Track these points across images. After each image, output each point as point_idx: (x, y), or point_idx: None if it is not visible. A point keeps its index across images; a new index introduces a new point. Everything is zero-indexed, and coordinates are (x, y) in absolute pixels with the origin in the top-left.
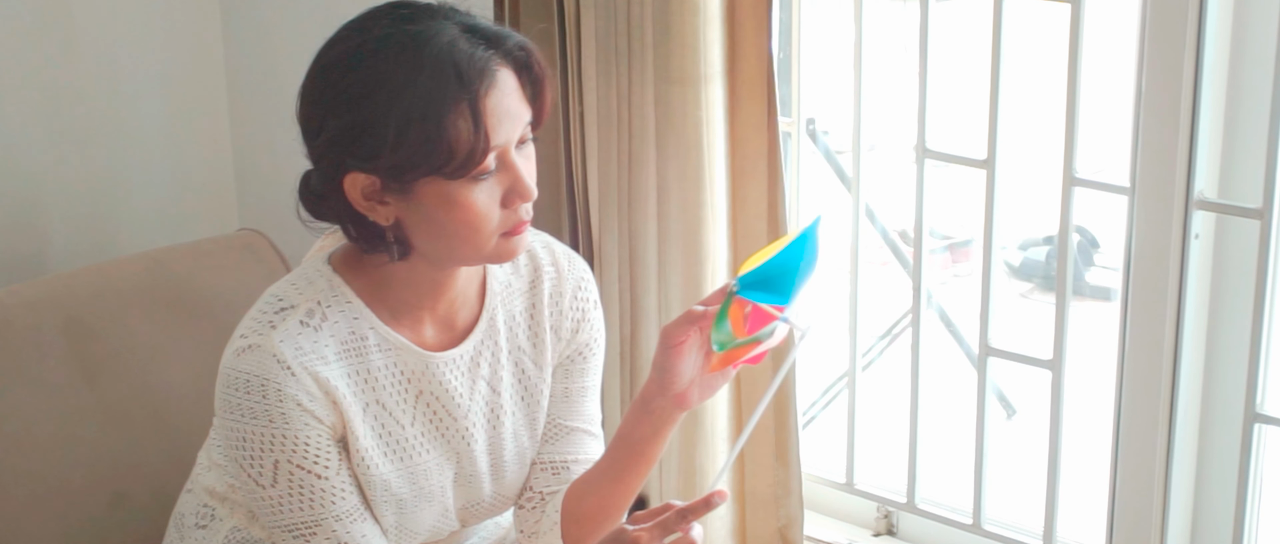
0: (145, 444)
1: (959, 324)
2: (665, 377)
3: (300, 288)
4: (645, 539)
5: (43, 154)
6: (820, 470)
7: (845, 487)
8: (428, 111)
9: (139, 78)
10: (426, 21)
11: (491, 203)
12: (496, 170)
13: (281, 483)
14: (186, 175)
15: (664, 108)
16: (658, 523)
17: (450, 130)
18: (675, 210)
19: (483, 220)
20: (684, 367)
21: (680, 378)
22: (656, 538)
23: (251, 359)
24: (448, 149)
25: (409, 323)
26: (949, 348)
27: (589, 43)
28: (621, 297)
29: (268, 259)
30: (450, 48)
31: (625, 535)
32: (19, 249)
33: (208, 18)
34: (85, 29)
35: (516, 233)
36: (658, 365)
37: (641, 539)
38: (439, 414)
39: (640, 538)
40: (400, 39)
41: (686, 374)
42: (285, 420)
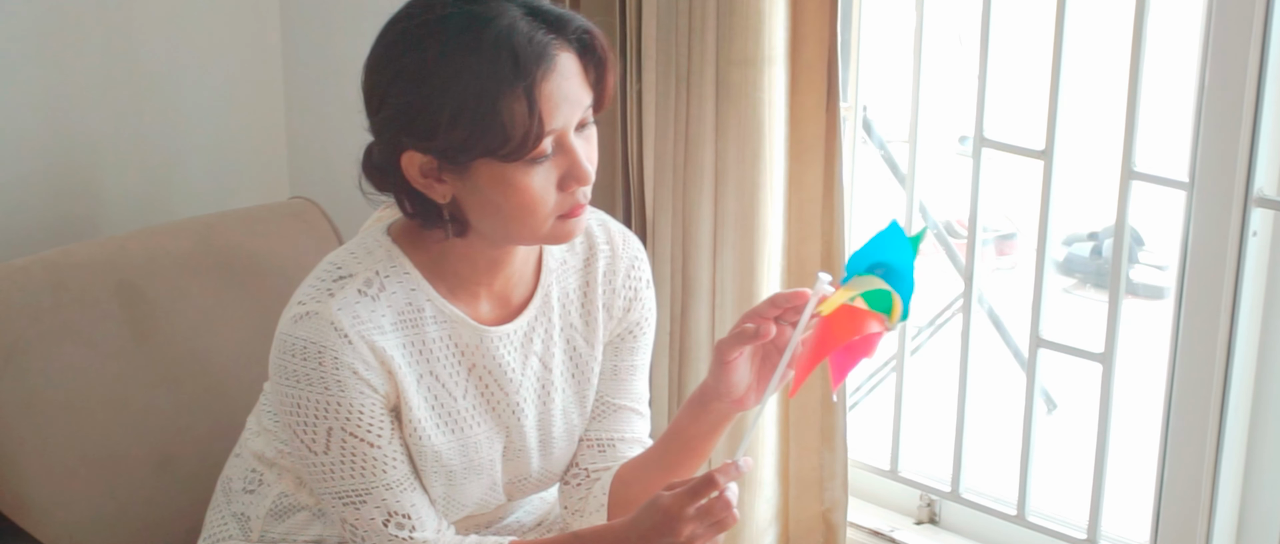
0: (193, 408)
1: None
2: (721, 386)
3: (359, 257)
4: (677, 504)
5: (99, 118)
6: (863, 456)
7: (889, 474)
8: (483, 94)
9: (195, 44)
10: (489, 2)
11: (548, 185)
12: (554, 153)
13: (334, 450)
14: (239, 142)
15: (724, 89)
16: (688, 489)
17: (505, 114)
18: (731, 191)
19: (538, 203)
20: (738, 377)
21: (736, 387)
22: (686, 503)
23: (309, 326)
24: (503, 132)
25: (465, 296)
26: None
27: (650, 21)
28: (673, 276)
29: (319, 227)
30: (510, 31)
31: (660, 501)
32: (73, 211)
33: None
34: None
35: (573, 215)
36: (713, 376)
37: (674, 505)
38: (491, 388)
39: (672, 504)
40: (461, 19)
41: (742, 383)
42: (340, 388)
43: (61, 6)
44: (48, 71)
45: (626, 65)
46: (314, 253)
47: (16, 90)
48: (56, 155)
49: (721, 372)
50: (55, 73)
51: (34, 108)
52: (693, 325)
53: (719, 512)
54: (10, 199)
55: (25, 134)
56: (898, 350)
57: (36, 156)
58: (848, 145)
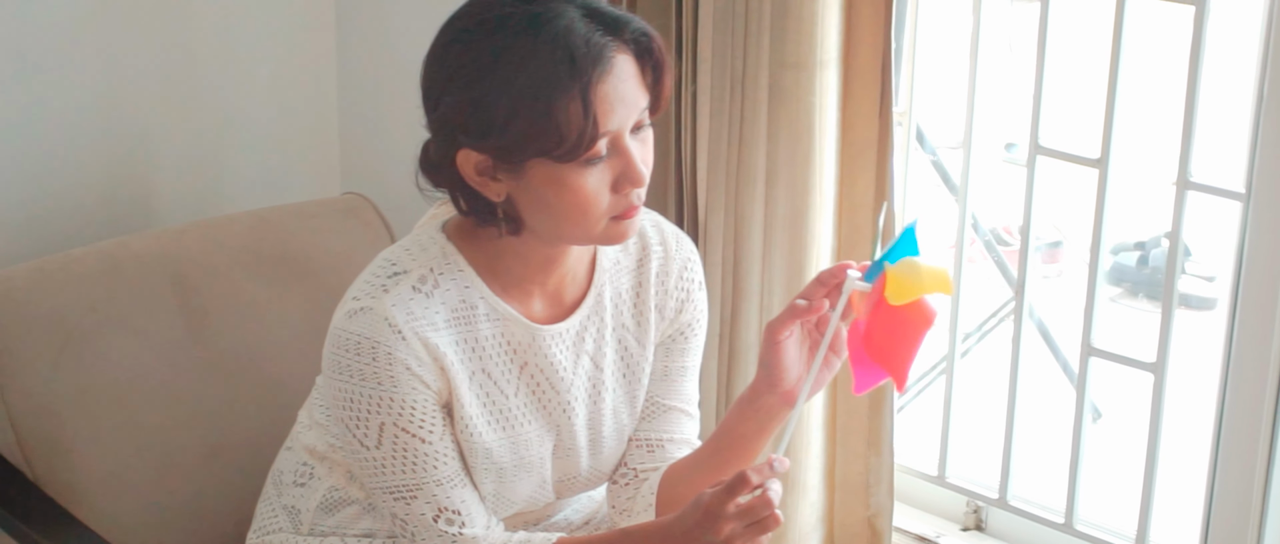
0: (244, 400)
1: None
2: (772, 373)
3: (414, 254)
4: (717, 501)
5: (153, 110)
6: (909, 461)
7: (936, 479)
8: (539, 95)
9: (250, 39)
10: (548, 3)
11: (602, 186)
12: (609, 155)
13: (386, 445)
14: (292, 137)
15: (777, 92)
16: (725, 486)
17: (560, 115)
18: (783, 194)
19: (592, 203)
20: (789, 361)
21: (787, 373)
22: (725, 500)
23: (363, 321)
24: (557, 133)
25: (518, 294)
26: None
27: (706, 24)
28: (724, 278)
29: (371, 223)
30: (567, 32)
31: (702, 499)
32: (127, 201)
33: None
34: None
35: (627, 217)
36: (763, 361)
37: (714, 503)
38: (542, 386)
39: (713, 502)
40: (519, 20)
41: (792, 370)
42: (393, 383)
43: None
44: (103, 63)
45: (682, 68)
46: (366, 248)
47: (73, 81)
48: (111, 147)
49: (772, 353)
50: (111, 64)
51: (89, 99)
52: (742, 328)
53: (760, 511)
54: (65, 190)
55: (81, 125)
56: (948, 355)
57: (91, 148)
58: (900, 151)
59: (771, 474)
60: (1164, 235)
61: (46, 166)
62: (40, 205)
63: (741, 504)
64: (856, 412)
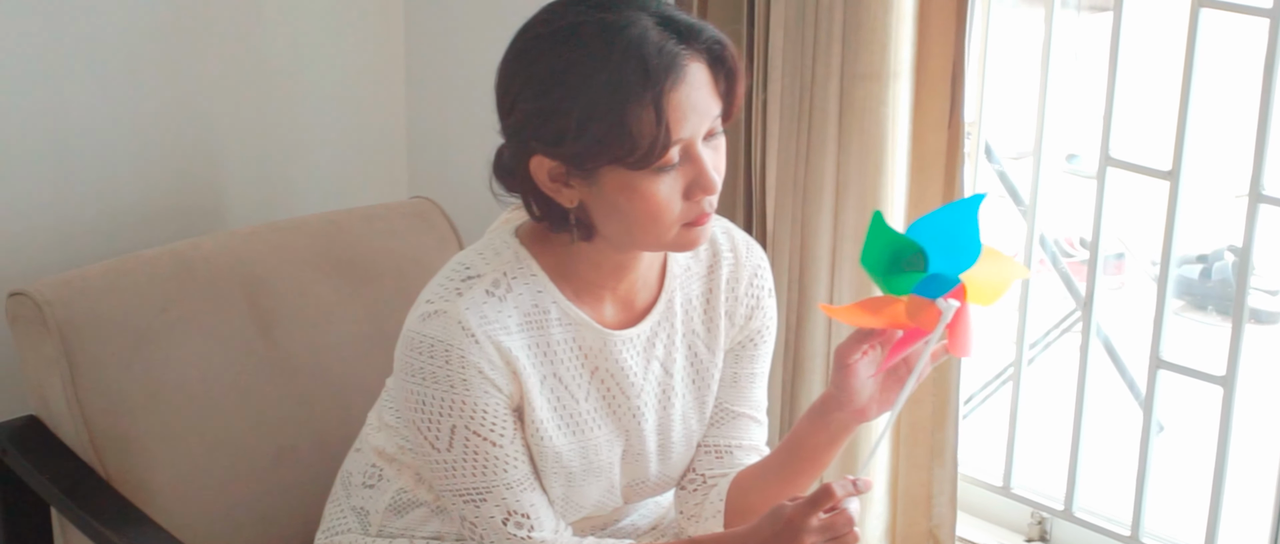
0: (313, 401)
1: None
2: (843, 393)
3: (487, 258)
4: (799, 514)
5: (224, 112)
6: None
7: (1001, 490)
8: (612, 103)
9: (319, 44)
10: (621, 11)
11: (674, 194)
12: (681, 162)
13: (457, 448)
14: (360, 141)
15: (848, 102)
16: (808, 500)
17: (633, 123)
18: (852, 205)
19: (664, 210)
20: (859, 382)
21: (858, 394)
22: (808, 513)
23: (437, 324)
24: (630, 141)
25: (590, 299)
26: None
27: (777, 33)
28: (790, 287)
29: (438, 227)
30: (640, 40)
31: (783, 511)
32: (198, 204)
33: None
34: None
35: (698, 224)
36: (835, 383)
37: (796, 516)
38: (612, 391)
39: (795, 515)
40: (592, 27)
41: (864, 389)
42: (466, 387)
43: (190, 3)
44: (176, 66)
45: (753, 76)
46: (434, 252)
47: (146, 84)
48: (183, 150)
49: (842, 377)
50: (183, 68)
51: (162, 103)
52: (808, 337)
53: (841, 527)
54: (138, 190)
55: (154, 129)
56: (1014, 365)
57: (164, 151)
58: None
59: (855, 491)
60: (1227, 248)
61: (120, 169)
62: (114, 207)
63: (823, 519)
64: (920, 423)
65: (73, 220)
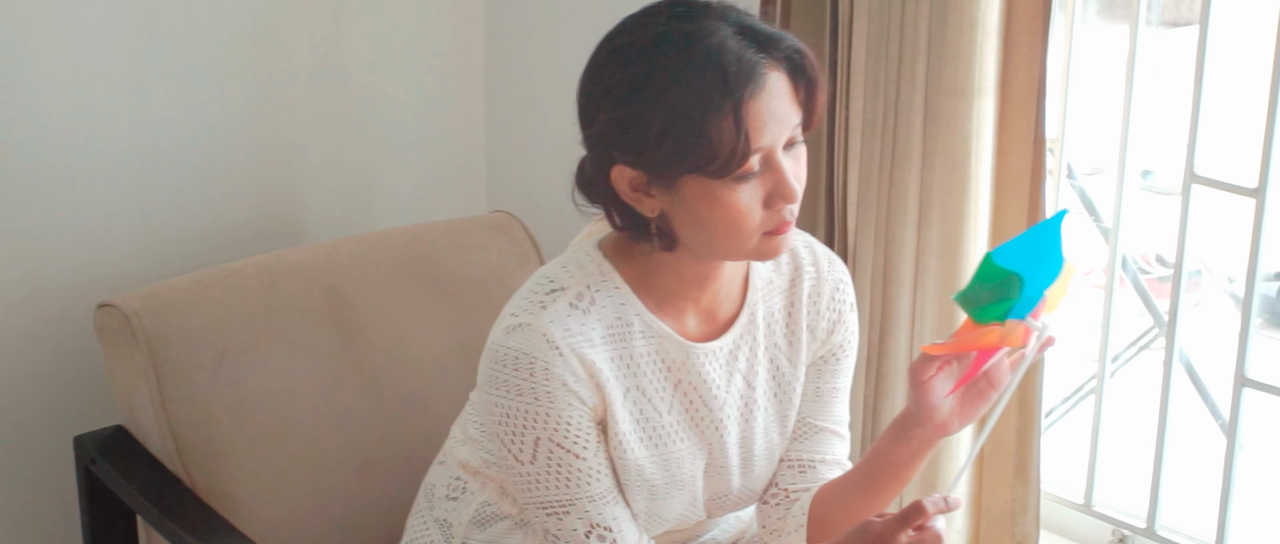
0: (395, 414)
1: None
2: (922, 411)
3: (571, 271)
4: (888, 531)
5: (306, 126)
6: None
7: (1082, 507)
8: (691, 112)
9: (401, 59)
10: (701, 21)
11: (754, 203)
12: (761, 171)
13: (540, 460)
14: (439, 154)
15: (933, 118)
16: (898, 517)
17: (713, 131)
18: (936, 221)
19: (745, 219)
20: (937, 399)
21: (936, 410)
22: (897, 530)
23: (521, 337)
24: (710, 150)
25: (673, 312)
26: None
27: (860, 49)
28: (873, 302)
29: (519, 240)
30: (719, 49)
31: (871, 527)
32: (281, 217)
33: (471, 6)
34: (354, 10)
35: (779, 233)
36: (913, 401)
37: (885, 532)
38: (695, 404)
39: (884, 531)
40: (672, 37)
41: (943, 406)
42: (550, 399)
43: (273, 20)
44: (260, 81)
45: (836, 91)
46: (515, 266)
47: (230, 98)
48: (267, 164)
49: (919, 395)
50: (266, 82)
51: (247, 118)
52: (890, 352)
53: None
54: (222, 203)
55: (239, 143)
56: (1097, 383)
57: (247, 163)
58: (1052, 179)
59: (945, 509)
60: None
61: (206, 183)
62: (199, 219)
63: (912, 536)
64: (1003, 439)
65: (158, 232)
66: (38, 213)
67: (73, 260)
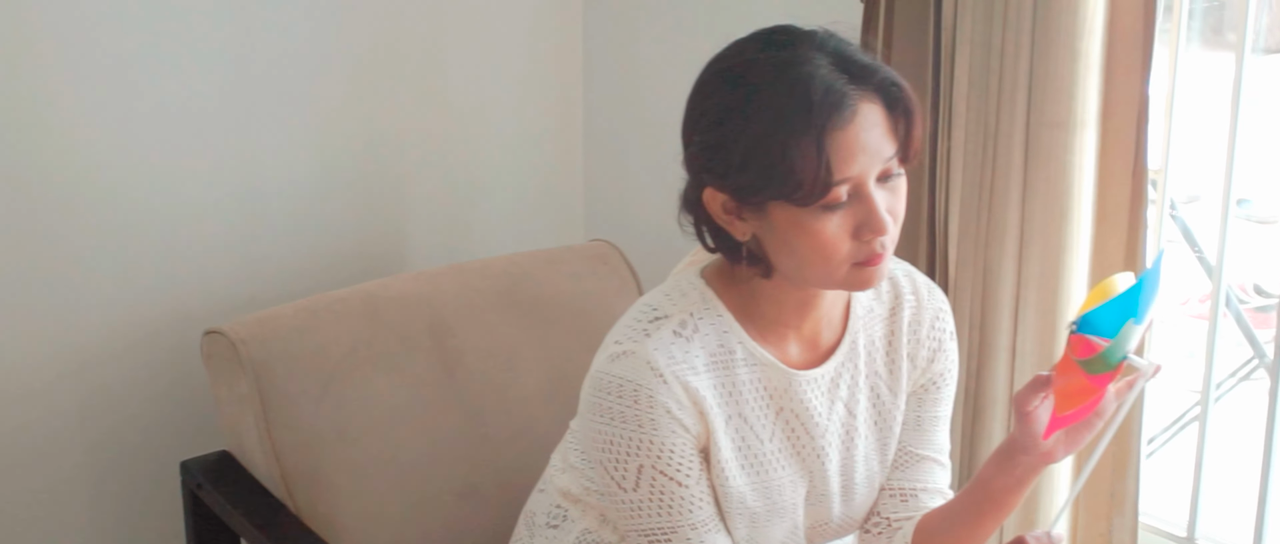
0: (496, 441)
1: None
2: (1026, 439)
3: (674, 299)
4: None
5: (410, 159)
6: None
7: (1184, 540)
8: (773, 138)
9: (501, 91)
10: (797, 48)
11: (842, 233)
12: (850, 202)
13: (643, 488)
14: (538, 186)
15: (1034, 150)
16: None
17: (796, 159)
18: (1035, 253)
19: (832, 249)
20: (1040, 427)
21: (1040, 439)
22: None
23: (625, 365)
24: (793, 177)
25: (775, 339)
26: None
27: (961, 80)
28: (971, 332)
29: (618, 269)
30: (810, 78)
31: None
32: (383, 246)
33: (570, 39)
34: (456, 44)
35: (871, 264)
36: (1018, 429)
37: None
38: (796, 431)
39: None
40: (766, 64)
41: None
42: (654, 426)
43: (377, 53)
44: (364, 113)
45: (937, 122)
46: (614, 295)
47: (334, 129)
48: (371, 194)
49: (1023, 423)
50: (370, 114)
51: (349, 146)
52: (988, 383)
53: None
54: (326, 232)
55: (341, 171)
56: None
57: (352, 192)
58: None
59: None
60: None
61: (311, 212)
62: (302, 247)
63: None
64: (1100, 470)
65: (263, 261)
66: (146, 241)
67: (179, 288)
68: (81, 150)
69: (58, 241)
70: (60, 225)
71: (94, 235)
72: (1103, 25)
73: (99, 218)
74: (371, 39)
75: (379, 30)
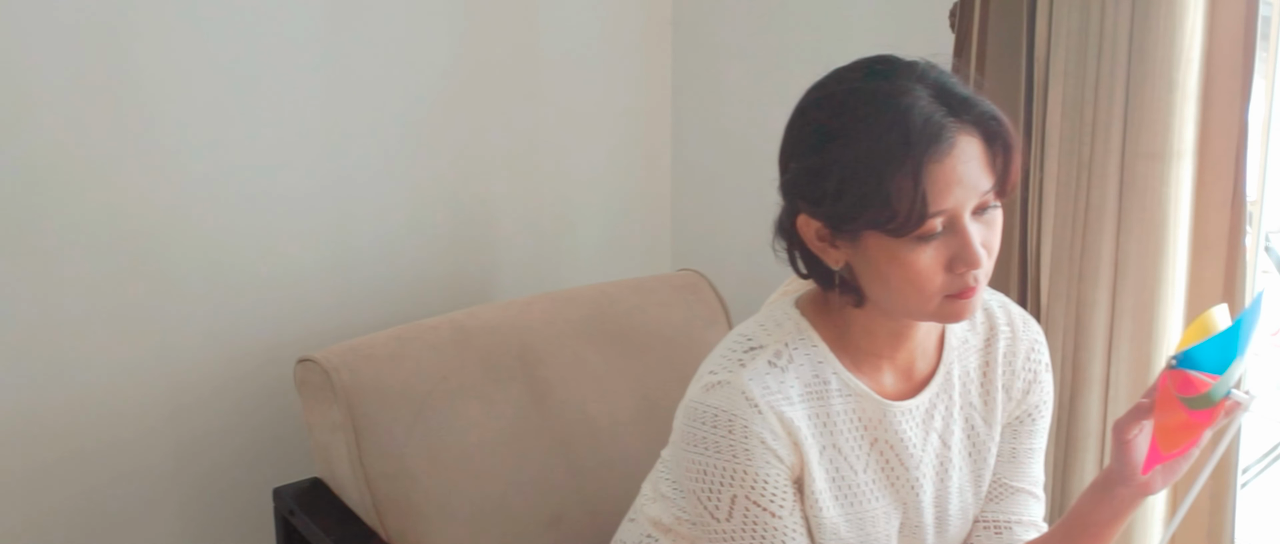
0: (584, 470)
1: None
2: (1124, 468)
3: (768, 329)
4: None
5: (500, 188)
6: None
7: None
8: (870, 168)
9: (590, 120)
10: (897, 79)
11: (935, 265)
12: (945, 233)
13: (736, 518)
14: (626, 215)
15: (1129, 181)
16: None
17: (892, 190)
18: (1130, 285)
19: (925, 280)
20: (1139, 456)
21: (1139, 468)
22: None
23: (720, 395)
24: (888, 208)
25: (869, 370)
26: None
27: (1054, 111)
28: (1064, 365)
29: (707, 299)
30: (908, 109)
31: None
32: (473, 274)
33: (659, 69)
34: (546, 74)
35: (964, 297)
36: (1117, 459)
37: None
38: (891, 462)
39: None
40: (866, 94)
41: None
42: (748, 457)
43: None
44: (453, 142)
45: (1030, 154)
46: (702, 324)
47: (424, 159)
48: (460, 224)
49: (1121, 452)
50: (459, 143)
51: (439, 176)
52: (1082, 416)
53: None
54: (420, 260)
55: (431, 200)
56: None
57: (442, 222)
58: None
59: None
60: None
61: (401, 241)
62: (392, 276)
63: None
64: (1197, 501)
65: (355, 289)
66: (238, 270)
67: (272, 316)
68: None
69: (156, 271)
70: (159, 255)
71: (191, 264)
72: (1200, 55)
73: (196, 247)
74: (464, 71)
75: (471, 62)
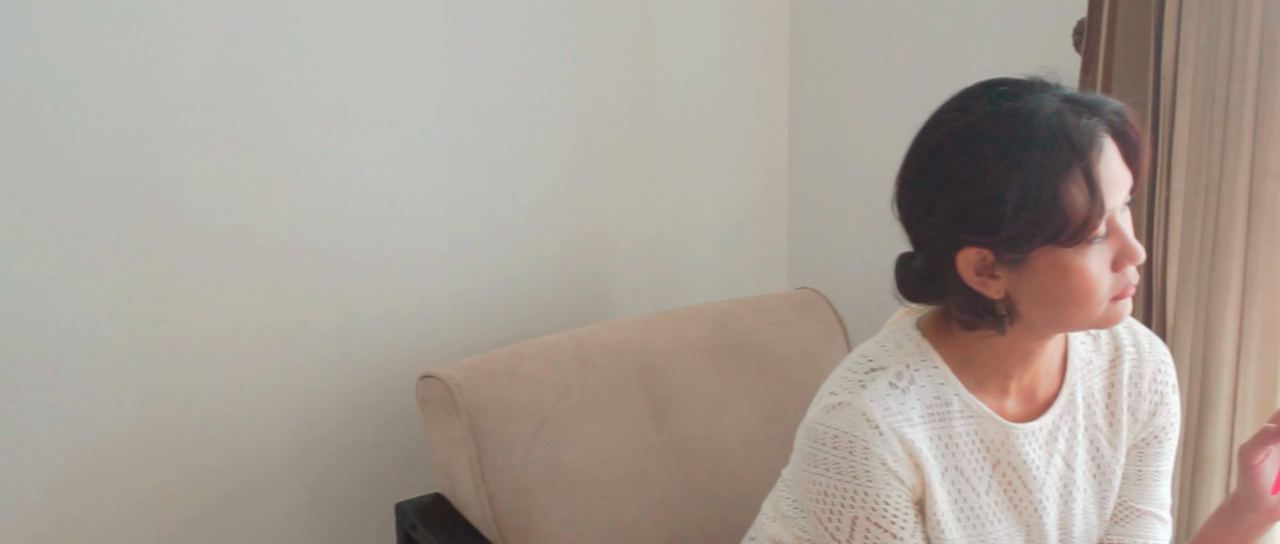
0: (704, 487)
1: None
2: (1251, 494)
3: (890, 350)
4: None
5: (617, 206)
6: None
7: None
8: (1045, 182)
9: (707, 140)
10: (1027, 96)
11: (1103, 267)
12: (1106, 235)
13: (857, 539)
14: (743, 234)
15: (1257, 200)
16: None
17: (1066, 198)
18: (1259, 305)
19: (1096, 285)
20: (1267, 482)
21: (1267, 494)
22: None
23: (841, 416)
24: (1064, 217)
25: (992, 392)
26: None
27: (1182, 131)
28: (1191, 386)
29: (825, 318)
30: (1057, 118)
31: None
32: (591, 292)
33: (776, 87)
34: (664, 93)
35: (1124, 295)
36: (1243, 484)
37: None
38: (1013, 485)
39: None
40: (1006, 114)
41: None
42: (869, 478)
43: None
44: (572, 161)
45: (1156, 171)
46: (821, 343)
47: (543, 178)
48: (579, 242)
49: (1248, 478)
50: (578, 162)
51: (558, 194)
52: (1209, 437)
53: None
54: (540, 279)
55: (550, 218)
56: None
57: (562, 240)
58: None
59: None
60: None
61: (521, 259)
62: (512, 293)
63: None
64: None
65: (475, 306)
66: (362, 288)
67: (394, 333)
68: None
69: (281, 287)
70: (284, 271)
71: (315, 282)
72: None
73: (320, 264)
74: (582, 91)
75: (590, 84)
